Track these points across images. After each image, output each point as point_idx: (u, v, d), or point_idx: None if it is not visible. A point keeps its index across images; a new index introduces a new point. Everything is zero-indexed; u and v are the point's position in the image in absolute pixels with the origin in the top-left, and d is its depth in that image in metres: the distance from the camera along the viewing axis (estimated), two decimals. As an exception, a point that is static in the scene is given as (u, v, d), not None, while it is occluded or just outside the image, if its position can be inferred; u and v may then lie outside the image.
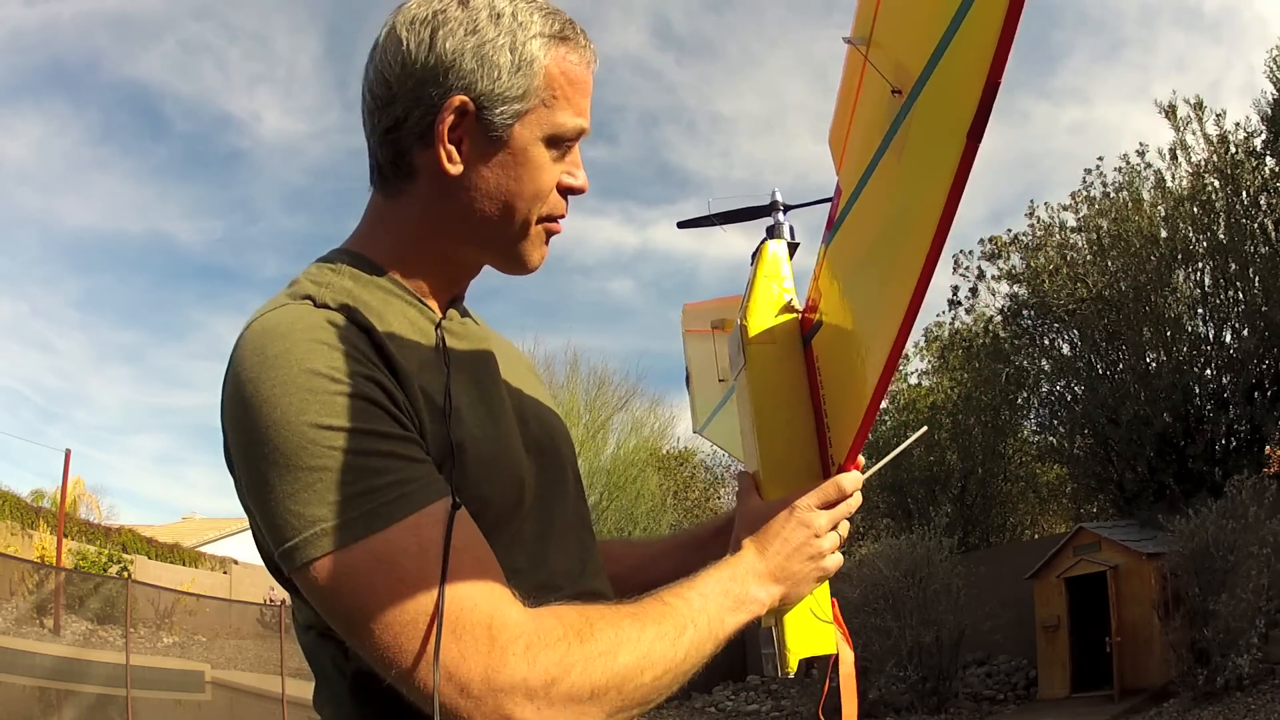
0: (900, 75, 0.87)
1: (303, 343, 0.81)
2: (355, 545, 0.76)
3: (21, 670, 11.78)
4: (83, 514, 21.06)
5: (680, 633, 0.85)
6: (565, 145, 0.94)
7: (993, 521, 17.24)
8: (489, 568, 0.82)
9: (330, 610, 0.79)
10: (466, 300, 1.06)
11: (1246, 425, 12.48)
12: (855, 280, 0.99)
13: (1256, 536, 9.28)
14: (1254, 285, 12.43)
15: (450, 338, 0.96)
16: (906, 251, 0.81)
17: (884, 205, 0.92)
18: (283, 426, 0.78)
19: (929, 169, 0.79)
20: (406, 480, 0.79)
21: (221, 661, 15.43)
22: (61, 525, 17.09)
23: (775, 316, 1.10)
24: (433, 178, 0.92)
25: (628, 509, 18.75)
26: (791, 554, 0.96)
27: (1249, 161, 12.57)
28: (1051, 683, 11.85)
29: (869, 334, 0.92)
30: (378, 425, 0.80)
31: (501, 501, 0.92)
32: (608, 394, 19.50)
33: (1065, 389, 14.64)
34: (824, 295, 1.06)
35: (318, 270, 0.93)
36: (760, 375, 1.08)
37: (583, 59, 0.95)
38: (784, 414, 1.07)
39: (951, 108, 0.74)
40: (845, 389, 0.99)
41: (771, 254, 1.15)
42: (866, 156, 0.96)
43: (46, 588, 14.57)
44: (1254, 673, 9.09)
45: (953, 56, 0.74)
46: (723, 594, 0.91)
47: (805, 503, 0.98)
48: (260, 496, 0.80)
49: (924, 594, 11.83)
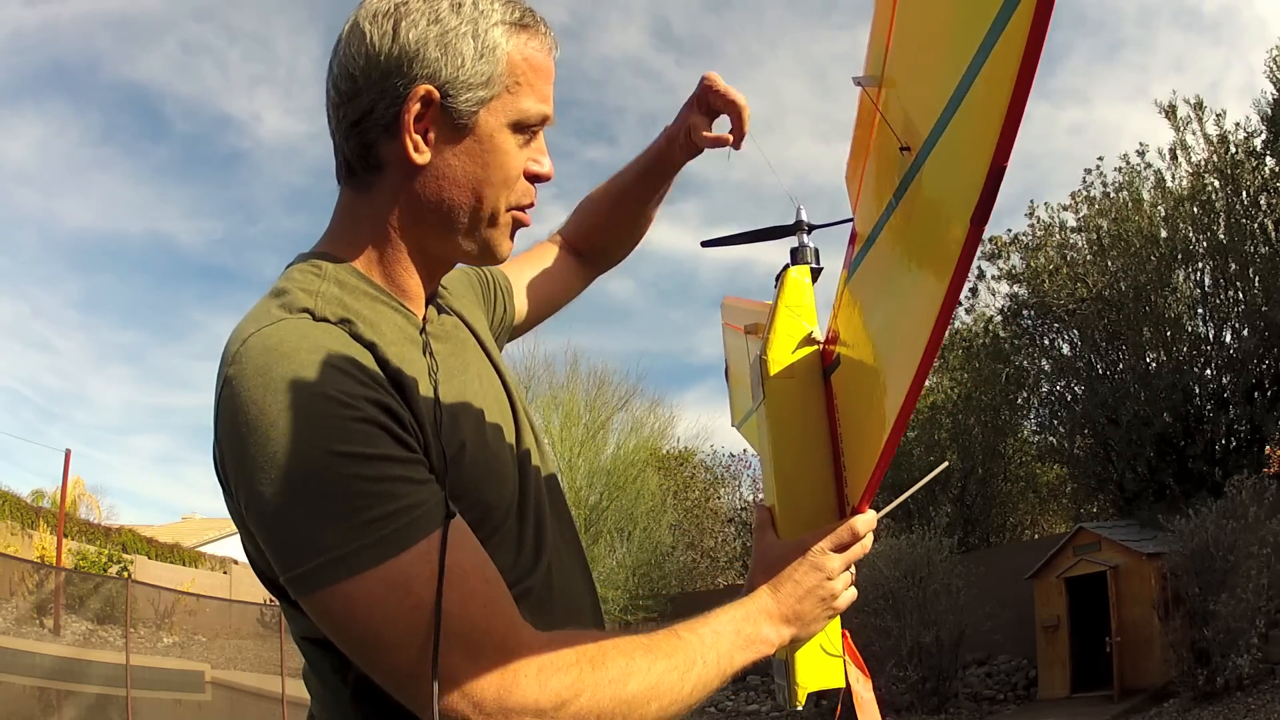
0: (909, 132, 0.86)
1: (310, 365, 0.80)
2: (369, 573, 0.76)
3: (21, 670, 11.78)
4: (83, 514, 21.06)
5: (690, 667, 0.88)
6: (530, 131, 0.95)
7: (993, 521, 17.24)
8: (498, 589, 0.83)
9: (344, 636, 0.79)
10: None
11: (1246, 425, 12.48)
12: (871, 326, 0.99)
13: (1256, 536, 9.28)
14: (1254, 285, 12.43)
15: (436, 343, 0.96)
16: (913, 323, 0.83)
17: (896, 265, 0.93)
18: (291, 452, 0.77)
19: (934, 244, 0.79)
20: (416, 505, 0.79)
21: (221, 661, 15.43)
22: (61, 525, 17.08)
23: (795, 350, 1.11)
24: (401, 169, 0.92)
25: (628, 509, 18.75)
26: (804, 596, 0.99)
27: (1249, 161, 12.56)
28: (1051, 683, 11.85)
29: (882, 380, 0.93)
30: (386, 449, 0.79)
31: (500, 504, 0.93)
32: (608, 394, 19.54)
33: (1065, 389, 14.64)
34: (843, 332, 1.06)
35: (302, 276, 0.91)
36: (779, 412, 1.09)
37: (544, 45, 0.95)
38: (802, 452, 1.08)
39: (957, 184, 0.73)
40: (861, 431, 1.00)
41: (793, 281, 1.14)
42: (878, 208, 0.97)
43: (46, 588, 14.56)
44: (1254, 673, 9.10)
45: (960, 125, 0.73)
46: (735, 633, 0.94)
47: (820, 546, 1.01)
48: (265, 521, 0.79)
49: (924, 594, 11.83)
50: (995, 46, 0.64)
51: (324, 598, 0.77)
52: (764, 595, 0.99)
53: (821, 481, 1.07)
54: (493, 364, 1.07)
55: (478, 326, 1.10)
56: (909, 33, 0.89)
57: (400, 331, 0.92)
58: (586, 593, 1.05)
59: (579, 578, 1.04)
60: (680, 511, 22.70)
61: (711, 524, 24.52)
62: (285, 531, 0.78)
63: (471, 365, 1.01)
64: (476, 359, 1.04)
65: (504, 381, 1.07)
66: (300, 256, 0.96)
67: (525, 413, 1.08)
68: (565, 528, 1.05)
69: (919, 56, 0.86)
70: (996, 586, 12.25)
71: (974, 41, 0.67)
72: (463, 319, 1.08)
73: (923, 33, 0.85)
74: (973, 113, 0.69)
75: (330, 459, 0.77)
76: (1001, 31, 0.62)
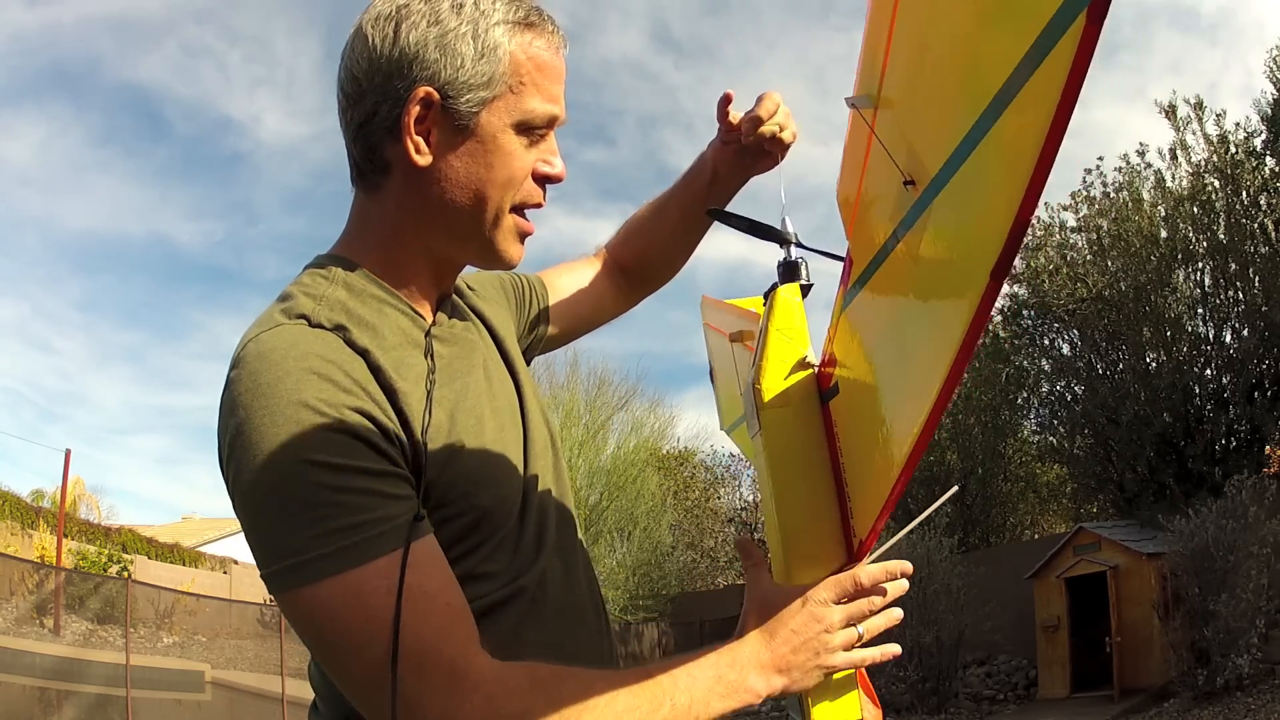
0: (914, 164, 0.79)
1: (294, 372, 0.81)
2: (327, 581, 0.78)
3: (21, 670, 11.78)
4: (83, 514, 21.05)
5: (655, 707, 0.85)
6: (537, 132, 0.94)
7: (993, 521, 17.23)
8: (460, 615, 0.82)
9: (303, 636, 0.82)
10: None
11: (1246, 425, 12.47)
12: (876, 360, 0.94)
13: (1256, 536, 9.28)
14: (1254, 285, 12.42)
15: (440, 345, 0.96)
16: (924, 369, 0.77)
17: (902, 306, 0.87)
18: (270, 457, 0.79)
19: (947, 291, 0.72)
20: (383, 519, 0.80)
21: (221, 661, 15.42)
22: (61, 525, 17.08)
23: (789, 376, 1.06)
24: (405, 170, 0.92)
25: (628, 509, 18.76)
26: (799, 647, 0.94)
27: (1249, 161, 12.55)
28: (1051, 683, 11.85)
29: (889, 418, 0.88)
30: (360, 460, 0.80)
31: (498, 507, 0.93)
32: (608, 394, 19.56)
33: (1065, 389, 14.64)
34: (842, 359, 1.01)
35: (311, 280, 0.93)
36: (777, 442, 1.04)
37: (550, 44, 0.94)
38: (803, 482, 1.03)
39: (973, 231, 0.67)
40: (867, 461, 0.95)
41: (784, 302, 1.09)
42: (877, 239, 0.91)
43: (46, 588, 14.56)
44: (1254, 673, 9.10)
45: (978, 165, 0.65)
46: (715, 679, 0.90)
47: (820, 595, 0.95)
48: (247, 519, 0.82)
49: (924, 594, 11.83)
50: (1030, 80, 0.56)
51: (289, 599, 0.79)
52: (755, 641, 0.94)
53: (826, 507, 1.02)
54: (509, 367, 1.07)
55: (500, 329, 1.09)
56: (912, 49, 0.81)
57: (403, 335, 0.92)
58: (589, 596, 1.04)
59: (581, 582, 1.03)
60: (680, 511, 22.71)
61: (711, 524, 24.53)
62: (260, 532, 0.81)
63: (478, 367, 1.00)
64: (489, 361, 1.04)
65: (518, 385, 1.06)
66: (317, 258, 0.97)
67: (542, 416, 1.07)
68: (570, 532, 1.05)
69: (925, 78, 0.79)
70: (996, 586, 12.24)
71: (1002, 71, 0.59)
72: (484, 319, 1.08)
73: (932, 51, 0.77)
74: (995, 154, 0.62)
75: (302, 466, 0.78)
76: (1039, 63, 0.55)
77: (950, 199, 0.71)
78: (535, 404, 1.07)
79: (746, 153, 1.22)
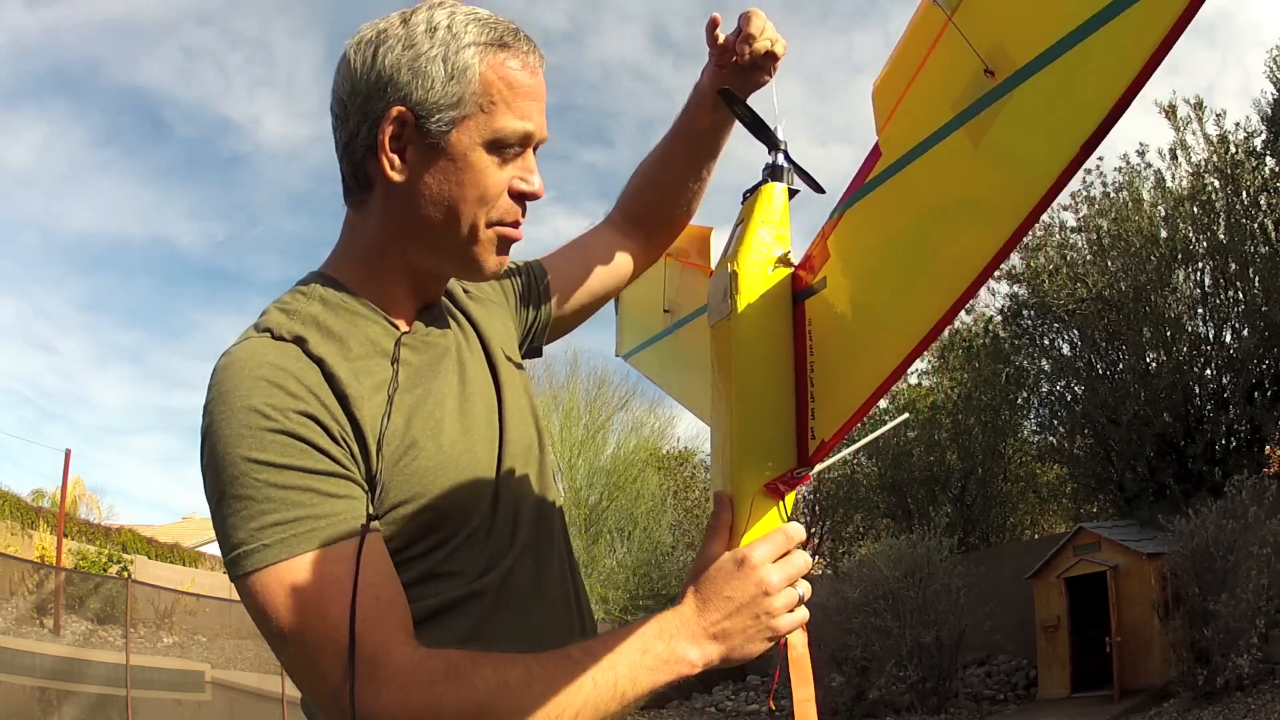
0: (997, 56, 0.79)
1: (247, 380, 0.88)
2: (265, 570, 0.84)
3: (21, 670, 11.79)
4: (83, 514, 21.05)
5: (576, 689, 0.86)
6: (510, 150, 0.97)
7: (993, 521, 17.23)
8: (389, 606, 0.86)
9: (253, 621, 0.87)
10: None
11: (1246, 425, 12.47)
12: (888, 253, 0.93)
13: (1256, 536, 9.28)
14: (1254, 285, 12.41)
15: (409, 352, 0.99)
16: (969, 243, 0.77)
17: (946, 187, 0.86)
18: (223, 457, 0.86)
19: (1018, 169, 0.74)
20: (319, 516, 0.85)
21: (221, 661, 15.43)
22: (61, 525, 17.08)
23: (769, 269, 1.04)
24: (384, 187, 0.97)
25: (628, 509, 18.75)
26: (734, 612, 0.92)
27: (1249, 161, 12.54)
28: (1051, 683, 11.85)
29: (892, 315, 0.88)
30: (299, 461, 0.86)
31: (457, 508, 0.96)
32: (608, 394, 19.54)
33: (1065, 389, 14.63)
34: (835, 258, 0.99)
35: (290, 298, 0.99)
36: (748, 329, 1.02)
37: (525, 64, 0.97)
38: (766, 369, 1.01)
39: (1065, 113, 0.69)
40: (845, 363, 0.95)
41: (771, 194, 1.08)
42: (928, 126, 0.88)
43: (46, 588, 14.56)
44: (1254, 673, 9.09)
45: (1080, 60, 0.68)
46: (641, 652, 0.89)
47: (758, 555, 0.94)
48: (211, 513, 0.89)
49: (924, 594, 11.83)
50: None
51: (240, 587, 0.86)
52: (686, 610, 0.92)
53: (784, 404, 1.00)
54: (492, 369, 1.09)
55: (489, 331, 1.11)
56: None
57: (371, 344, 0.97)
58: (561, 592, 1.05)
59: (554, 579, 1.05)
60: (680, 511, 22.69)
61: (711, 524, 24.45)
62: (217, 525, 0.87)
63: (450, 372, 1.03)
64: (468, 365, 1.06)
65: (498, 387, 1.07)
66: (309, 275, 1.03)
67: (527, 416, 1.09)
68: (547, 531, 1.06)
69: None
70: (996, 586, 12.25)
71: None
72: (474, 322, 1.11)
73: None
74: (1104, 49, 0.65)
75: (246, 465, 0.85)
76: None
77: (1043, 84, 0.72)
78: (518, 404, 1.08)
79: (741, 72, 1.22)
